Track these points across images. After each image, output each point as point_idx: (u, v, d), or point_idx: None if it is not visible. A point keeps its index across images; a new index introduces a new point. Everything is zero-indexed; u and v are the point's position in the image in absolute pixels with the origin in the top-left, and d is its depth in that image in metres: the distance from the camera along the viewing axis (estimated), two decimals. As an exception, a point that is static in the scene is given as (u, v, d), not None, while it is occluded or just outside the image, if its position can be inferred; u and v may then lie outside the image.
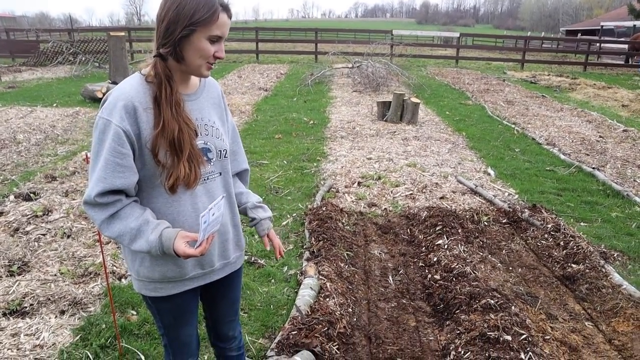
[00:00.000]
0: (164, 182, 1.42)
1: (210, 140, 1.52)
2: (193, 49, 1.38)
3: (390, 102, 8.40)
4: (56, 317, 2.80)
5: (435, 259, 3.51)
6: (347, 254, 3.64)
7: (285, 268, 3.46)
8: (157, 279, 1.52)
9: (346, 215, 4.38)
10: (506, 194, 5.07)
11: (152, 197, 1.46)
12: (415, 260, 3.67)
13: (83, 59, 16.10)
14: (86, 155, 2.28)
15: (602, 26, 32.11)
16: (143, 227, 1.38)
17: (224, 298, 1.78)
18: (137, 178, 1.40)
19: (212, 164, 1.53)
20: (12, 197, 4.53)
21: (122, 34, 12.28)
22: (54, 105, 9.52)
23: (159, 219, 1.44)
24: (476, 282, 3.07)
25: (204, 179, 1.51)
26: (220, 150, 1.55)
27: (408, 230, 4.16)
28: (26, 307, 2.87)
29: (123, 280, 3.25)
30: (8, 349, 2.51)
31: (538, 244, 3.94)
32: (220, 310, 1.80)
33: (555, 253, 3.75)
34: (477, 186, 5.11)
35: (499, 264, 3.60)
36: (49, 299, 2.95)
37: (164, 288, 1.55)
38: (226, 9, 1.40)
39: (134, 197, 1.44)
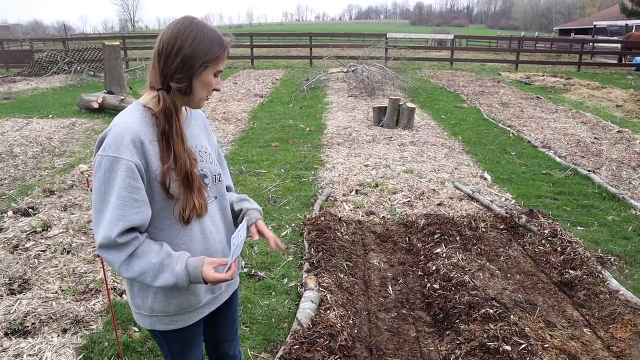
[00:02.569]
0: (180, 215, 1.43)
1: (206, 166, 1.55)
2: (202, 83, 1.42)
3: (386, 107, 8.44)
4: (58, 336, 2.81)
5: (434, 267, 3.54)
6: (346, 264, 3.67)
7: (286, 280, 3.48)
8: (173, 312, 1.52)
9: (344, 224, 4.41)
10: (503, 199, 5.11)
11: (163, 229, 1.45)
12: (414, 269, 3.69)
13: (78, 68, 16.10)
14: (87, 179, 2.29)
15: (594, 25, 32.31)
16: (166, 261, 1.36)
17: (225, 319, 1.80)
18: (151, 211, 1.39)
19: (208, 188, 1.55)
20: (10, 213, 4.54)
21: (117, 43, 12.32)
22: (50, 116, 9.51)
23: (173, 249, 1.45)
24: (475, 291, 3.10)
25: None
26: (215, 175, 1.58)
27: (406, 238, 4.19)
28: (28, 327, 2.88)
29: (124, 296, 3.26)
30: (11, 370, 2.52)
31: (535, 249, 3.98)
32: (221, 331, 1.83)
33: (553, 259, 3.78)
34: (474, 192, 5.14)
35: (497, 272, 3.63)
36: (51, 318, 2.96)
37: (179, 320, 1.54)
38: (228, 46, 1.47)
39: (146, 234, 1.42)
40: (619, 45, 21.63)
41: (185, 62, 1.36)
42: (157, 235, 1.45)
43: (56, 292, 3.24)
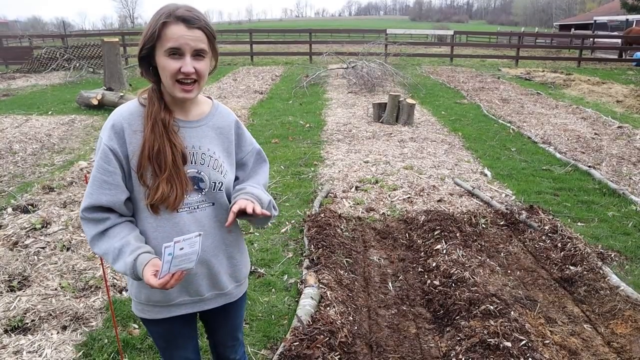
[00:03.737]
0: (147, 200, 1.42)
1: (205, 170, 1.49)
2: (160, 69, 1.39)
3: (385, 103, 8.42)
4: (58, 333, 2.81)
5: (434, 264, 3.53)
6: (346, 260, 3.66)
7: (285, 277, 3.48)
8: (143, 301, 1.55)
9: (344, 221, 4.40)
10: (503, 195, 5.10)
11: (140, 220, 1.48)
12: (414, 265, 3.69)
13: (77, 64, 16.07)
14: (85, 175, 2.28)
15: (595, 20, 32.20)
16: (124, 248, 1.38)
17: (222, 326, 1.77)
18: (125, 196, 1.42)
19: (203, 193, 1.50)
20: (10, 210, 4.53)
21: (116, 39, 12.29)
22: (49, 113, 9.50)
23: (147, 242, 1.45)
24: (475, 288, 3.09)
25: (193, 208, 1.49)
26: (215, 182, 1.51)
27: (406, 235, 4.18)
28: (27, 323, 2.88)
29: (124, 293, 3.26)
30: (11, 367, 2.52)
31: (536, 246, 3.97)
32: (219, 336, 1.80)
33: (553, 255, 3.77)
34: (474, 188, 5.13)
35: (498, 268, 3.63)
36: (51, 314, 2.95)
37: (150, 311, 1.56)
38: (182, 19, 1.34)
39: (129, 217, 1.46)
40: (619, 40, 21.57)
41: (140, 50, 1.39)
42: (138, 226, 1.49)
43: (56, 289, 3.24)
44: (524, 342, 2.54)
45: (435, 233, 3.98)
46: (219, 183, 1.52)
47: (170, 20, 1.33)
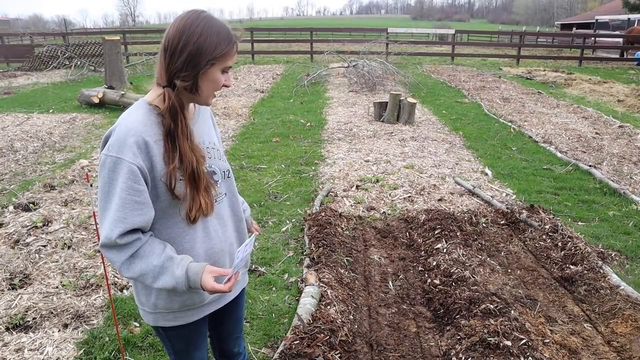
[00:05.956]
0: (187, 215, 1.41)
1: (214, 162, 1.52)
2: (209, 80, 1.38)
3: (386, 102, 8.42)
4: (59, 330, 2.82)
5: (434, 263, 3.53)
6: (346, 259, 3.67)
7: (286, 275, 3.48)
8: (177, 309, 1.51)
9: (345, 219, 4.41)
10: (504, 194, 5.10)
11: (167, 227, 1.44)
12: (414, 264, 3.69)
13: (78, 63, 16.08)
14: (87, 174, 2.29)
15: (596, 20, 32.15)
16: (167, 264, 1.36)
17: (230, 317, 1.79)
18: (153, 213, 1.38)
19: (218, 185, 1.53)
20: (11, 208, 4.54)
21: (117, 38, 12.29)
22: (51, 111, 9.50)
23: (177, 247, 1.44)
24: (475, 287, 3.10)
25: (213, 202, 1.50)
26: (224, 171, 1.56)
27: (407, 234, 4.19)
28: (29, 321, 2.89)
29: (125, 291, 3.27)
30: (12, 365, 2.53)
31: (536, 245, 3.97)
32: (226, 328, 1.81)
33: (554, 254, 3.78)
34: (474, 187, 5.14)
35: (498, 267, 3.63)
36: (52, 312, 2.96)
37: (183, 317, 1.53)
38: (237, 41, 1.43)
39: (150, 232, 1.41)
40: (620, 39, 21.53)
41: (190, 60, 1.32)
42: (161, 233, 1.43)
43: (57, 287, 3.25)
44: (524, 341, 2.54)
45: (436, 232, 3.98)
46: (227, 171, 1.57)
47: (236, 43, 1.41)
